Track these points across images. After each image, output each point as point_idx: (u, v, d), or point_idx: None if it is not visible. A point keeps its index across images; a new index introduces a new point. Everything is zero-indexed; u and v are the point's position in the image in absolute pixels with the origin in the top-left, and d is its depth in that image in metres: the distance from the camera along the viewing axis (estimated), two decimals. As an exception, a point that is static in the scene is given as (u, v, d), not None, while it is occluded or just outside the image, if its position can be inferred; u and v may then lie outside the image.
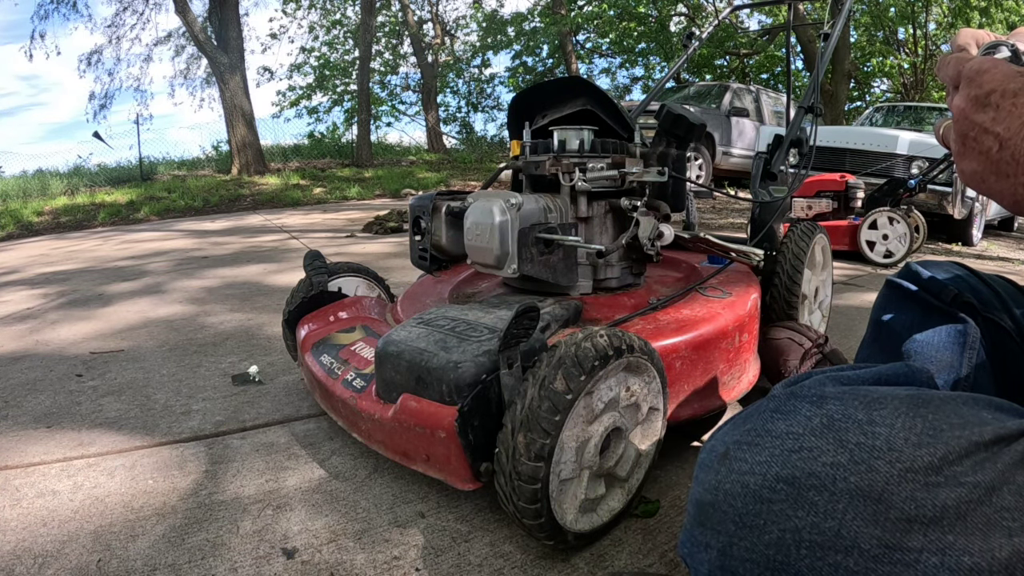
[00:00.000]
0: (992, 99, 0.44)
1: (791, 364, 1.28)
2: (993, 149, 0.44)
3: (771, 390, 0.47)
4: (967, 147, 0.46)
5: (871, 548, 0.34)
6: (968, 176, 0.47)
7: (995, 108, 0.44)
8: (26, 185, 8.17)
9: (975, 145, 0.45)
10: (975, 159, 0.46)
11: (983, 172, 0.45)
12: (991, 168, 0.45)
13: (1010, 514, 0.33)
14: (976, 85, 0.46)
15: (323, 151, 12.73)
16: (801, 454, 0.38)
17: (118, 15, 13.31)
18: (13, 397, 1.43)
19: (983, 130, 0.44)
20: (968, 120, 0.46)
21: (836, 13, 1.88)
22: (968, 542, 0.32)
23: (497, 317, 0.98)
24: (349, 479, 1.03)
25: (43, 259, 3.83)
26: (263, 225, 5.13)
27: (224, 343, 1.80)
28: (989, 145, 0.44)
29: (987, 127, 0.44)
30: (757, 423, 0.43)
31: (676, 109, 1.19)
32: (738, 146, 7.64)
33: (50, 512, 0.94)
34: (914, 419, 0.37)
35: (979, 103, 0.45)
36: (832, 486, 0.36)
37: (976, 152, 0.46)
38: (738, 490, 0.40)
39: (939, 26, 12.33)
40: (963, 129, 0.46)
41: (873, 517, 0.34)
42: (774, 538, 0.37)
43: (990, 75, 0.46)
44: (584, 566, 0.81)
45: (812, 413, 0.40)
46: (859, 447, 0.37)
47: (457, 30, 17.01)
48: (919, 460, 0.35)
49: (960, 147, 0.47)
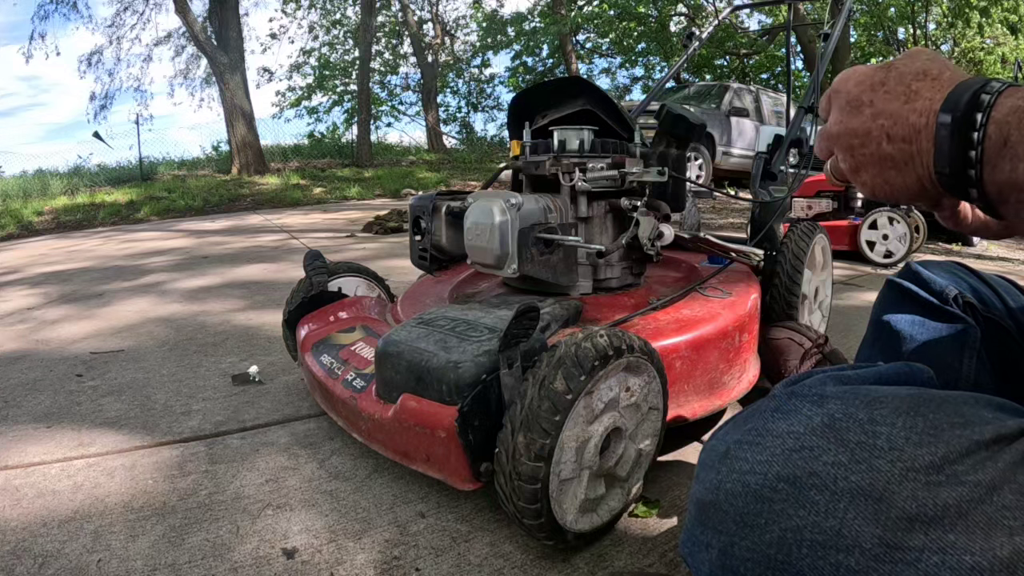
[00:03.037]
0: (863, 98, 0.45)
1: (791, 364, 1.28)
2: (883, 142, 0.44)
3: (772, 390, 0.47)
4: (857, 158, 0.46)
5: (872, 547, 0.34)
6: (870, 186, 0.47)
7: (869, 105, 0.45)
8: (26, 185, 8.16)
9: (864, 149, 0.45)
10: (869, 165, 0.46)
11: (883, 173, 0.45)
12: (888, 164, 0.44)
13: (1011, 513, 0.33)
14: (841, 95, 0.47)
15: (323, 151, 12.73)
16: (802, 453, 0.38)
17: (118, 15, 13.34)
18: (13, 397, 1.43)
19: (866, 132, 0.45)
20: (849, 129, 0.46)
21: (836, 13, 1.89)
22: (969, 541, 0.32)
23: (497, 317, 0.98)
24: (349, 479, 1.03)
25: (43, 259, 3.83)
26: (263, 225, 5.14)
27: (224, 343, 1.80)
28: (878, 139, 0.44)
29: (868, 127, 0.45)
30: (758, 423, 0.42)
31: (676, 109, 1.19)
32: (738, 146, 7.64)
33: (50, 512, 0.94)
34: (915, 418, 0.37)
35: (853, 108, 0.46)
36: (833, 485, 0.36)
37: (868, 156, 0.46)
38: (739, 489, 0.40)
39: (939, 26, 12.34)
40: (847, 143, 0.46)
41: (874, 516, 0.34)
42: (775, 537, 0.37)
43: (850, 82, 0.47)
44: (584, 566, 0.80)
45: (813, 412, 0.40)
46: (860, 446, 0.37)
47: (457, 30, 17.03)
48: (920, 459, 0.35)
49: (851, 162, 0.47)
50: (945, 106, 0.40)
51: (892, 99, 0.43)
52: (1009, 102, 0.38)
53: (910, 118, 0.42)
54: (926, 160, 0.42)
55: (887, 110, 0.44)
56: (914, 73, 0.44)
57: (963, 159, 0.40)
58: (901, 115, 0.43)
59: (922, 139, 0.42)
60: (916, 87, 0.43)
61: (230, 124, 9.45)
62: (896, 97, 0.43)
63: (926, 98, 0.42)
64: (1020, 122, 0.37)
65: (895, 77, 0.44)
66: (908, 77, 0.44)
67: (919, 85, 0.43)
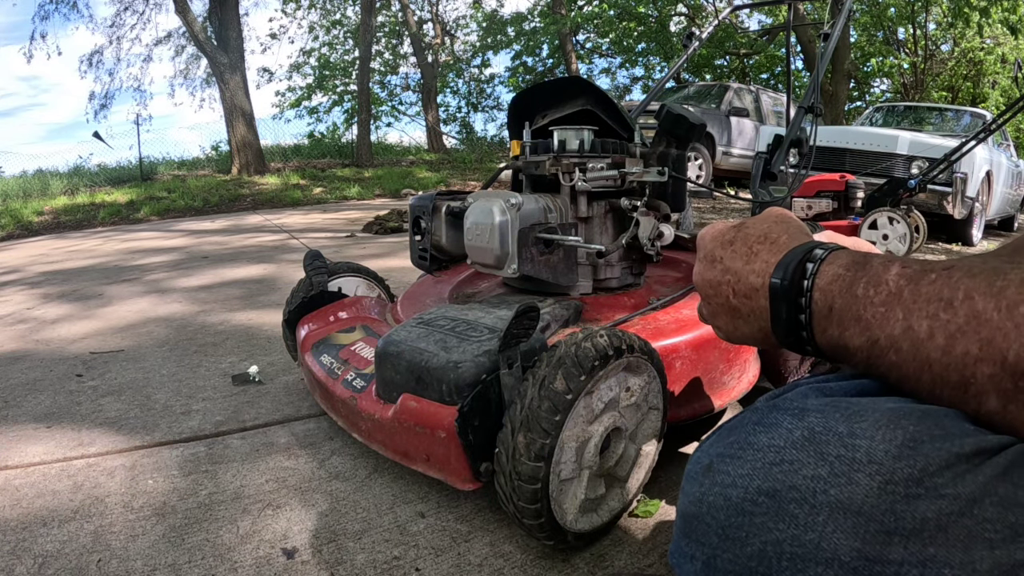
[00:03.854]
0: (716, 254, 0.51)
1: (791, 364, 1.27)
2: (730, 296, 0.49)
3: (755, 402, 0.48)
4: (713, 305, 0.52)
5: (851, 560, 0.34)
6: (724, 331, 0.52)
7: (720, 260, 0.50)
8: (26, 185, 8.17)
9: (716, 299, 0.51)
10: (722, 313, 0.51)
11: (732, 322, 0.50)
12: (736, 315, 0.50)
13: (991, 526, 0.32)
14: (701, 249, 0.53)
15: (323, 151, 12.74)
16: (782, 467, 0.39)
17: (118, 15, 13.34)
18: (13, 397, 1.43)
19: (717, 283, 0.50)
20: (705, 280, 0.52)
21: (836, 13, 1.89)
22: (949, 554, 0.32)
23: (497, 317, 0.98)
24: (349, 479, 1.03)
25: (43, 259, 3.83)
26: (263, 225, 5.14)
27: (224, 343, 1.80)
28: (726, 293, 0.50)
29: (719, 279, 0.50)
30: (740, 436, 0.43)
31: (676, 109, 1.19)
32: (738, 146, 7.64)
33: (50, 512, 0.94)
34: (895, 431, 0.37)
35: (709, 262, 0.51)
36: (812, 499, 0.36)
37: (720, 306, 0.51)
38: (721, 503, 0.40)
39: (939, 26, 12.34)
40: (705, 292, 0.52)
41: (853, 530, 0.35)
42: (756, 550, 0.38)
43: (707, 237, 0.53)
44: (584, 566, 0.80)
45: (793, 426, 0.40)
46: (839, 460, 0.37)
47: (457, 30, 17.04)
48: (899, 472, 0.35)
49: (709, 308, 0.52)
50: (776, 272, 0.46)
51: (737, 258, 0.49)
52: (831, 270, 0.43)
53: (749, 278, 0.48)
54: (765, 315, 0.47)
55: (732, 267, 0.49)
56: (756, 236, 0.49)
57: (795, 322, 0.44)
58: (743, 274, 0.48)
59: (759, 297, 0.47)
60: (756, 249, 0.48)
61: (230, 124, 9.45)
62: (740, 256, 0.49)
63: (763, 260, 0.47)
64: (842, 291, 0.42)
65: (741, 238, 0.50)
66: (752, 239, 0.49)
67: (759, 248, 0.48)
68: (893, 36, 12.49)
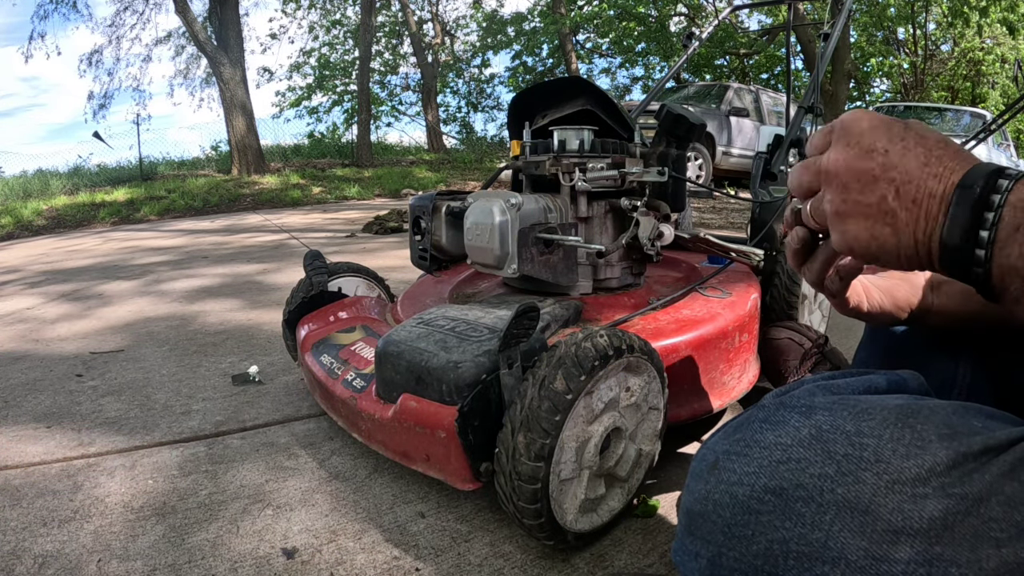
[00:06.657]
0: (878, 145, 0.42)
1: (791, 364, 1.27)
2: (888, 197, 0.41)
3: (762, 399, 0.47)
4: (849, 203, 0.43)
5: (858, 559, 0.34)
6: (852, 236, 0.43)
7: (883, 153, 0.42)
8: (26, 185, 8.17)
9: (863, 196, 0.42)
10: (860, 216, 0.43)
11: (874, 227, 0.42)
12: (884, 219, 0.42)
13: (998, 525, 0.32)
14: (850, 133, 0.44)
15: (323, 151, 12.74)
16: (789, 465, 0.39)
17: (118, 15, 13.33)
18: (13, 397, 1.43)
19: (871, 179, 0.42)
20: (853, 170, 0.43)
21: (836, 13, 1.88)
22: (956, 553, 0.32)
23: (497, 317, 0.98)
24: (349, 479, 1.03)
25: (43, 258, 3.83)
26: (263, 225, 5.13)
27: (224, 343, 1.80)
28: (883, 192, 0.42)
29: (877, 174, 0.42)
30: (746, 433, 0.43)
31: (676, 109, 1.19)
32: (738, 146, 7.64)
33: (50, 512, 0.94)
34: (902, 430, 0.37)
35: (864, 152, 0.43)
36: (819, 497, 0.36)
37: (862, 205, 0.43)
38: (727, 500, 0.40)
39: (939, 26, 12.34)
40: (845, 182, 0.43)
41: (860, 528, 0.35)
42: (762, 549, 0.37)
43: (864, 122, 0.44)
44: (584, 566, 0.80)
45: (801, 424, 0.40)
46: (846, 458, 0.37)
47: (457, 30, 17.02)
48: (906, 471, 0.35)
49: (840, 206, 0.44)
50: (966, 180, 0.39)
51: (910, 157, 0.41)
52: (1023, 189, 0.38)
53: (927, 182, 0.40)
54: (929, 228, 0.40)
55: (902, 165, 0.41)
56: (936, 139, 0.42)
57: (975, 237, 0.39)
58: (918, 175, 0.41)
59: (934, 206, 0.40)
60: (938, 153, 0.41)
61: (230, 124, 9.44)
62: (915, 156, 0.41)
63: (948, 167, 0.40)
64: None
65: (915, 136, 0.42)
66: (930, 141, 0.42)
67: (941, 152, 0.41)
68: (893, 36, 12.50)
